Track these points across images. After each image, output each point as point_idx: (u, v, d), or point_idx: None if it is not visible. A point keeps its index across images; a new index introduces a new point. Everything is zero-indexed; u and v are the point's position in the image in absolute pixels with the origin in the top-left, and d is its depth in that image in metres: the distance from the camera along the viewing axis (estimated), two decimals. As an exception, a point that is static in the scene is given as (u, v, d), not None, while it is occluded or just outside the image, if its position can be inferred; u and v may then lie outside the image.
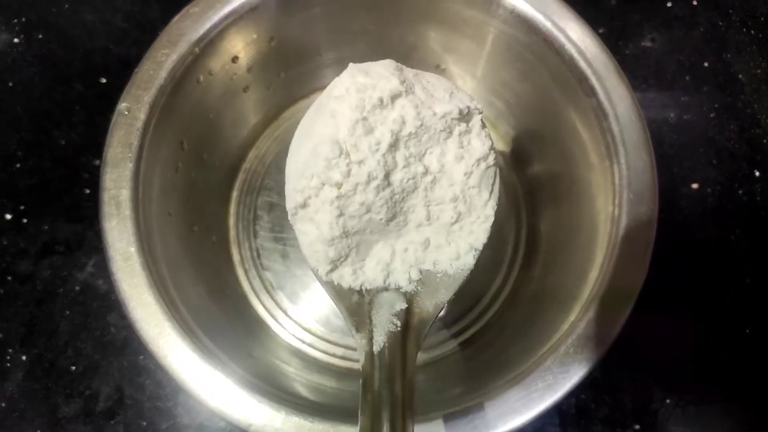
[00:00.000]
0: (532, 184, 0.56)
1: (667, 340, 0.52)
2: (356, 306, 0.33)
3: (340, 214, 0.31)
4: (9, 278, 0.54)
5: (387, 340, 0.32)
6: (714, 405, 0.51)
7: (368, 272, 0.34)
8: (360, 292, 0.33)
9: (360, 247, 0.33)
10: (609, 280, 0.37)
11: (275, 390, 0.36)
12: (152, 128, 0.41)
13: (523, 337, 0.43)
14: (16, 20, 0.65)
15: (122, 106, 0.41)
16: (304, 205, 0.32)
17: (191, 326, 0.37)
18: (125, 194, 0.39)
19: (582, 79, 0.43)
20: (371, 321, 0.33)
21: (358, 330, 0.32)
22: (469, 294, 0.53)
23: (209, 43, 0.44)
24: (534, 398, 0.35)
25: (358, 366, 0.50)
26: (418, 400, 0.31)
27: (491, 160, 0.33)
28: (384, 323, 0.32)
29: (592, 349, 0.36)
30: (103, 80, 0.62)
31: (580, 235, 0.45)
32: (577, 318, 0.37)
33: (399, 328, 0.32)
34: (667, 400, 0.51)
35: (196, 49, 0.44)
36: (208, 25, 0.44)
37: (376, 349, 0.31)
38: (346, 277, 0.33)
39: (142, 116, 0.41)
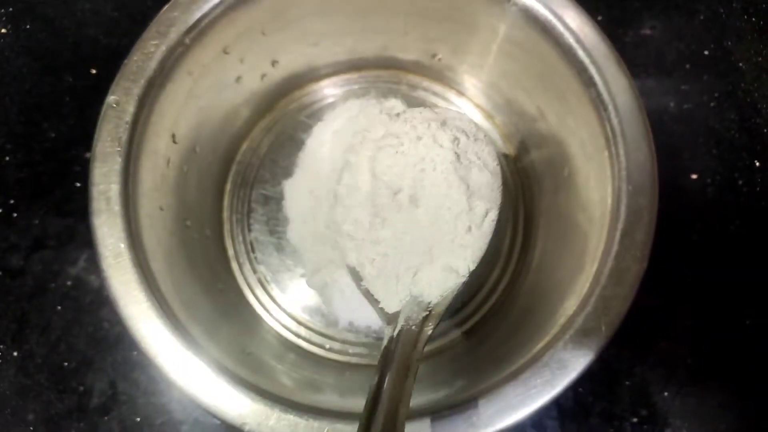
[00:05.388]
0: (529, 175, 0.55)
1: (665, 332, 0.52)
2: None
3: None
4: (0, 273, 0.53)
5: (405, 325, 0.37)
6: (713, 397, 0.50)
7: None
8: None
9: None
10: (608, 274, 0.36)
11: (270, 387, 0.36)
12: (142, 121, 0.40)
13: (522, 330, 0.43)
14: (3, 10, 0.64)
15: (111, 99, 0.40)
16: None
17: (183, 323, 0.37)
18: (115, 189, 0.38)
19: (581, 69, 0.42)
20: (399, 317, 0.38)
21: (388, 323, 0.38)
22: (469, 284, 0.52)
23: (199, 33, 0.43)
24: (532, 395, 0.34)
25: (355, 360, 0.50)
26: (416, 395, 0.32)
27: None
28: (406, 316, 0.37)
29: (590, 345, 0.35)
30: (94, 71, 0.61)
31: (578, 227, 0.44)
32: (575, 312, 0.36)
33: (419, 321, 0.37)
34: (666, 393, 0.50)
35: (186, 40, 0.43)
36: (197, 15, 0.43)
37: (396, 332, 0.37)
38: None
39: (131, 109, 0.40)
